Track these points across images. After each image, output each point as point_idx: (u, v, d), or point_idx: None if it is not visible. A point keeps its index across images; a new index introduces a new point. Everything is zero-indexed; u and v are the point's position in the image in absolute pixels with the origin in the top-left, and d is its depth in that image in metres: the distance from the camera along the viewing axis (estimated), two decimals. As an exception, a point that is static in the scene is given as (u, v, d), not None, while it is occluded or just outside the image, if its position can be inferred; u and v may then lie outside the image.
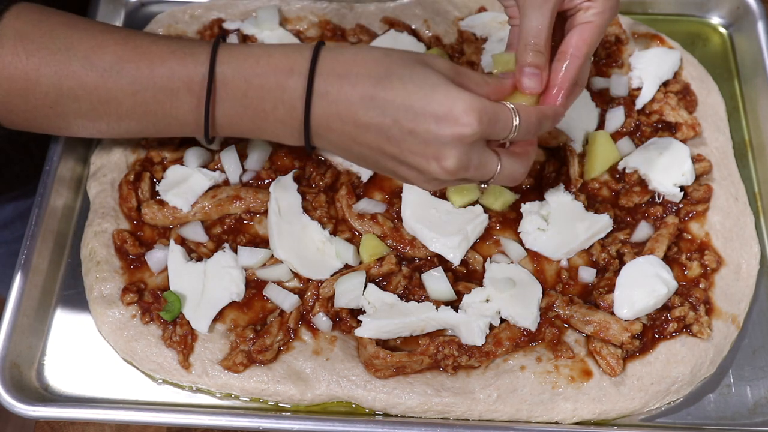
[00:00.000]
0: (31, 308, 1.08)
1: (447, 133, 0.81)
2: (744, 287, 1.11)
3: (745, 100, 1.30)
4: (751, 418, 1.04)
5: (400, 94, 0.83)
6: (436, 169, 0.84)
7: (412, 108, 0.82)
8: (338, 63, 0.87)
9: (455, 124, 0.81)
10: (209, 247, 1.12)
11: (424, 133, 0.82)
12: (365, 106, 0.84)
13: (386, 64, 0.86)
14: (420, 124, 0.82)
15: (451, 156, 0.83)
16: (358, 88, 0.85)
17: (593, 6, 0.95)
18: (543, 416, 1.02)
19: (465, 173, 0.85)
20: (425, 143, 0.83)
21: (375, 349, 1.02)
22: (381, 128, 0.84)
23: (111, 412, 1.01)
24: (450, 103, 0.81)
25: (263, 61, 0.90)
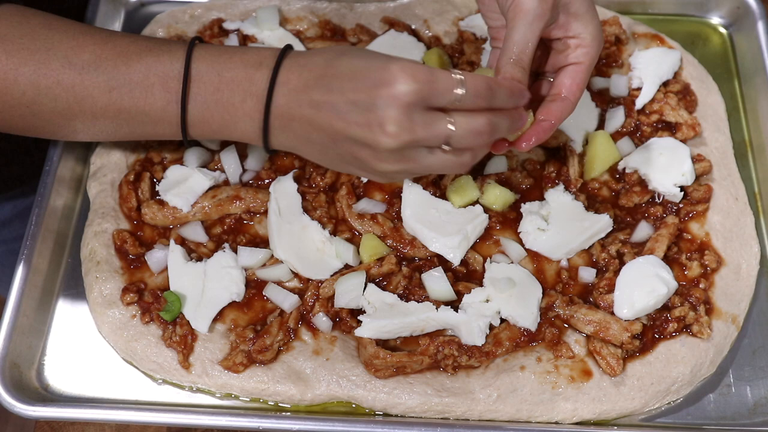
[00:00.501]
0: (31, 308, 1.08)
1: (383, 95, 0.82)
2: (744, 287, 1.11)
3: (745, 100, 1.30)
4: (751, 418, 1.04)
5: (345, 68, 0.86)
6: (381, 135, 0.84)
7: (354, 79, 0.85)
8: (302, 56, 0.91)
9: (390, 85, 0.82)
10: (209, 247, 1.12)
11: (365, 100, 0.84)
12: (317, 86, 0.87)
13: (341, 48, 0.90)
14: (360, 93, 0.84)
15: (393, 117, 0.83)
16: (314, 72, 0.88)
17: (581, 44, 0.96)
18: (543, 416, 1.02)
19: (411, 134, 0.84)
20: (367, 110, 0.84)
21: (375, 349, 1.02)
22: (330, 104, 0.86)
23: (111, 412, 1.01)
24: (385, 67, 0.83)
25: (236, 57, 0.93)
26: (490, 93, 0.87)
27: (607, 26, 1.30)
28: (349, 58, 0.87)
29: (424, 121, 0.84)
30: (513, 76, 0.93)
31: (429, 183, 1.15)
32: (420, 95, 0.83)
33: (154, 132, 1.00)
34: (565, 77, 0.97)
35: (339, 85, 0.85)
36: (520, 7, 0.92)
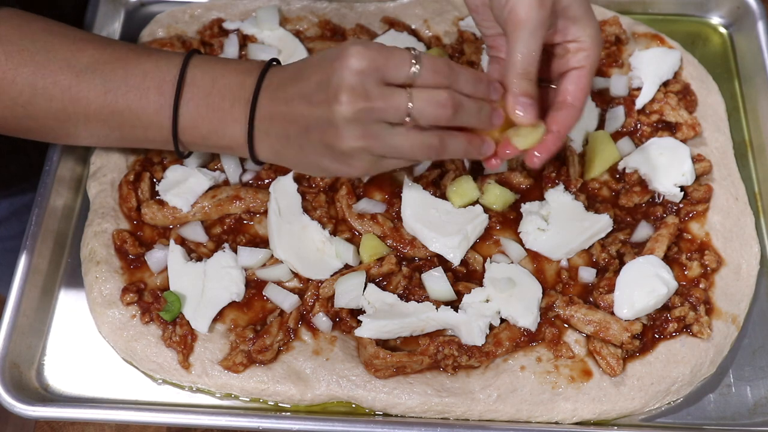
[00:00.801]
0: (31, 308, 1.08)
1: (336, 70, 0.84)
2: (744, 287, 1.11)
3: (745, 100, 1.30)
4: (751, 418, 1.04)
5: (313, 60, 0.90)
6: (336, 105, 0.85)
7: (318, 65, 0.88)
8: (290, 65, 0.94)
9: (342, 60, 0.84)
10: (209, 247, 1.12)
11: (323, 79, 0.86)
12: (291, 80, 0.91)
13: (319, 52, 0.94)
14: (319, 73, 0.87)
15: (343, 86, 0.84)
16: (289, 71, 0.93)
17: (582, 47, 0.95)
18: (543, 416, 1.02)
19: (366, 102, 0.84)
20: (325, 88, 0.86)
21: (375, 349, 1.02)
22: (300, 93, 0.89)
23: (111, 412, 1.01)
24: (342, 48, 0.86)
25: (231, 65, 0.97)
26: (449, 71, 0.87)
27: (607, 26, 1.30)
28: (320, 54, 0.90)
29: (380, 92, 0.85)
30: (524, 91, 0.92)
31: (429, 183, 1.15)
32: (373, 66, 0.84)
33: (145, 137, 1.01)
34: (569, 83, 0.96)
35: (306, 74, 0.89)
36: (518, 17, 0.91)
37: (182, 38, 1.29)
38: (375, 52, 0.85)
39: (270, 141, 0.95)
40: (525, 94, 0.92)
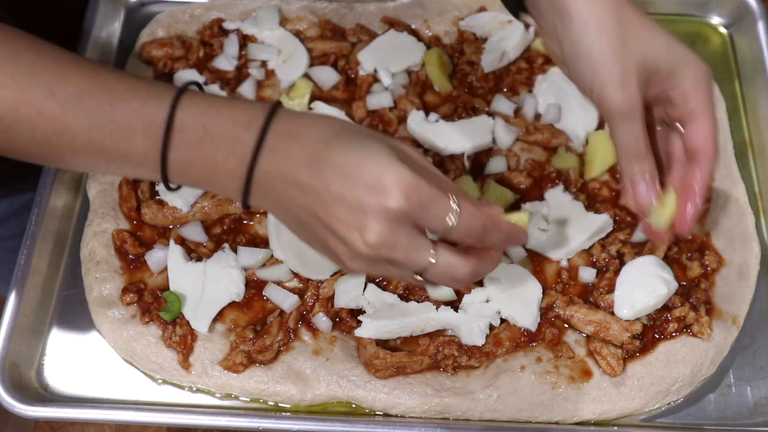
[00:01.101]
0: (31, 308, 1.08)
1: (373, 203, 0.77)
2: (744, 287, 1.10)
3: (745, 100, 1.30)
4: (751, 419, 1.04)
5: (339, 158, 0.80)
6: (359, 241, 0.79)
7: (347, 172, 0.79)
8: (293, 123, 0.85)
9: (381, 194, 0.77)
10: (209, 247, 1.12)
11: (352, 200, 0.79)
12: (306, 166, 0.82)
13: (337, 129, 0.84)
14: (350, 189, 0.79)
15: (375, 229, 0.78)
16: (305, 149, 0.82)
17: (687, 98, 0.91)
18: (543, 416, 1.02)
19: (390, 252, 0.79)
20: (351, 211, 0.79)
21: (375, 349, 1.02)
22: (316, 190, 0.81)
23: (111, 412, 1.01)
24: (382, 173, 0.78)
25: (224, 112, 0.87)
26: (482, 233, 0.82)
27: (608, 26, 1.30)
28: (345, 148, 0.81)
29: (408, 246, 0.80)
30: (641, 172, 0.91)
31: (429, 183, 1.14)
32: (410, 215, 0.79)
33: (134, 174, 0.96)
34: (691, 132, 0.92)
35: (329, 175, 0.80)
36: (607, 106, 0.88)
37: (182, 38, 1.29)
38: (415, 200, 0.78)
39: (266, 202, 0.87)
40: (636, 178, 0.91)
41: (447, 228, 0.80)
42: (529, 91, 1.25)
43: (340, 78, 1.26)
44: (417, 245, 0.80)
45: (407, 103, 1.22)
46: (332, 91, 1.26)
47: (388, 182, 0.77)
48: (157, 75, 1.26)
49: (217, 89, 1.23)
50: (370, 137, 0.82)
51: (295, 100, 1.22)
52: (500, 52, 1.26)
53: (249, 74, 1.27)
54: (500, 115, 1.22)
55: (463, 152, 1.18)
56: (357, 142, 0.81)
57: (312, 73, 1.26)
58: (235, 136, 0.85)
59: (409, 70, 1.27)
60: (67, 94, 0.88)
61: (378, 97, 1.23)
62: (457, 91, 1.26)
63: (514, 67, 1.28)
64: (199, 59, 1.28)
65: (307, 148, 0.82)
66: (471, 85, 1.26)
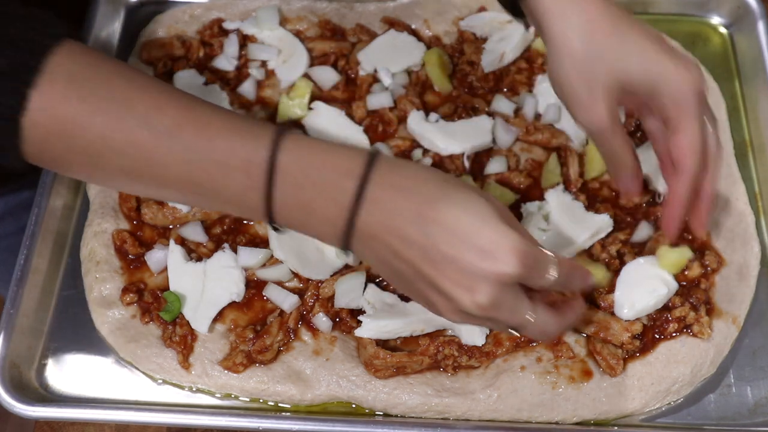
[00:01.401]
0: (31, 308, 1.08)
1: (487, 268, 0.78)
2: (744, 287, 1.10)
3: (745, 100, 1.30)
4: (751, 419, 1.04)
5: (450, 219, 0.80)
6: (468, 301, 0.80)
7: (458, 235, 0.79)
8: (396, 174, 0.84)
9: (497, 260, 0.78)
10: (209, 247, 1.12)
11: (465, 262, 0.79)
12: (413, 222, 0.81)
13: (443, 186, 0.83)
14: (462, 253, 0.79)
15: (486, 292, 0.79)
16: (411, 203, 0.81)
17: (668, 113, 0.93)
18: (543, 416, 1.02)
19: (496, 312, 0.81)
20: (462, 273, 0.79)
21: (375, 349, 1.02)
22: (424, 248, 0.80)
23: (111, 412, 1.01)
24: (497, 239, 0.78)
25: (325, 156, 0.85)
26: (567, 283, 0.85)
27: (608, 26, 1.30)
28: (454, 208, 0.80)
29: (513, 306, 0.81)
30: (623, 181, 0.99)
31: (429, 183, 1.14)
32: (520, 278, 0.80)
33: (224, 209, 0.95)
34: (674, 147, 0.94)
35: (437, 236, 0.80)
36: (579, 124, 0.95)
37: (182, 38, 1.29)
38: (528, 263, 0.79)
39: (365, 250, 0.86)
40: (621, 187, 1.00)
41: (548, 282, 0.82)
42: (529, 91, 1.25)
43: (340, 78, 1.26)
44: (520, 306, 0.82)
45: (407, 103, 1.22)
46: (332, 91, 1.26)
47: (503, 249, 0.78)
48: (157, 75, 1.26)
49: (217, 89, 1.23)
50: (475, 193, 0.82)
51: (295, 100, 1.22)
52: (500, 52, 1.26)
53: (249, 74, 1.27)
54: (500, 115, 1.22)
55: (463, 152, 1.18)
56: (464, 202, 0.81)
57: (312, 73, 1.26)
58: (336, 183, 0.83)
59: (409, 70, 1.27)
60: (163, 126, 0.85)
61: (378, 97, 1.23)
62: (457, 91, 1.26)
63: (514, 67, 1.28)
64: (199, 59, 1.28)
65: (413, 203, 0.81)
66: (471, 85, 1.26)
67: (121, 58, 1.31)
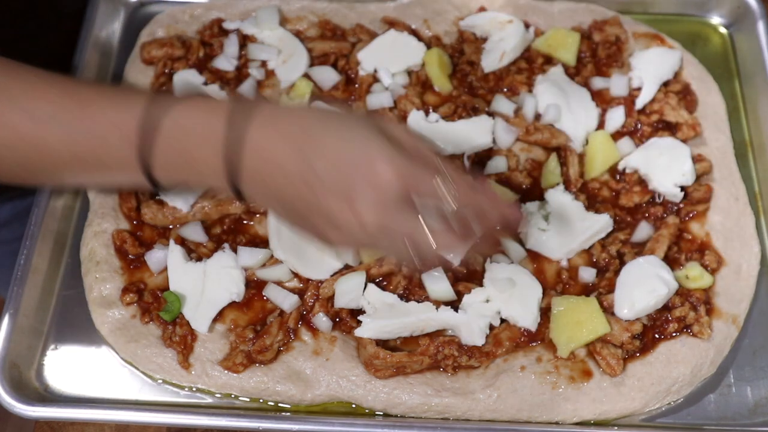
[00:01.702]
0: (31, 308, 1.08)
1: (367, 189, 0.79)
2: (744, 287, 1.10)
3: (745, 100, 1.30)
4: (751, 419, 1.04)
5: (329, 148, 0.82)
6: (355, 223, 0.80)
7: (338, 162, 0.81)
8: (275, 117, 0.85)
9: (376, 180, 0.79)
10: (209, 247, 1.12)
11: (346, 187, 0.80)
12: (295, 158, 0.82)
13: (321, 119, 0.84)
14: (343, 179, 0.80)
15: (370, 211, 0.80)
16: (291, 141, 0.83)
17: None
18: (543, 416, 1.02)
19: (384, 232, 0.81)
20: (345, 197, 0.80)
21: (375, 349, 1.02)
22: (307, 180, 0.82)
23: (111, 412, 1.01)
24: (374, 160, 0.79)
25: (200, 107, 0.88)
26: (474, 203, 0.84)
27: (607, 26, 1.30)
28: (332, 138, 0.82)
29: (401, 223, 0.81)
30: None
31: (429, 183, 1.14)
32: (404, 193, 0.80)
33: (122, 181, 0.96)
34: None
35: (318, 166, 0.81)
36: None
37: (182, 38, 1.29)
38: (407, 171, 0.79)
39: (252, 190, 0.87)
40: None
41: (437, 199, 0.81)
42: (529, 91, 1.25)
43: (340, 78, 1.26)
44: (409, 223, 0.81)
45: (407, 103, 1.22)
46: (332, 91, 1.26)
47: (381, 168, 0.79)
48: (157, 75, 1.26)
49: (217, 89, 1.23)
50: (354, 121, 0.84)
51: (295, 100, 1.22)
52: (500, 52, 1.26)
53: (249, 74, 1.27)
54: (500, 115, 1.22)
55: (463, 152, 1.18)
56: (343, 129, 0.82)
57: (312, 73, 1.26)
58: (214, 133, 0.85)
59: (409, 70, 1.27)
60: (45, 113, 0.88)
61: (378, 97, 1.23)
62: (457, 91, 1.26)
63: (514, 67, 1.28)
64: (199, 59, 1.28)
65: (293, 141, 0.83)
66: (471, 85, 1.26)
67: (121, 58, 1.31)
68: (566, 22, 1.32)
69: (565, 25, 1.32)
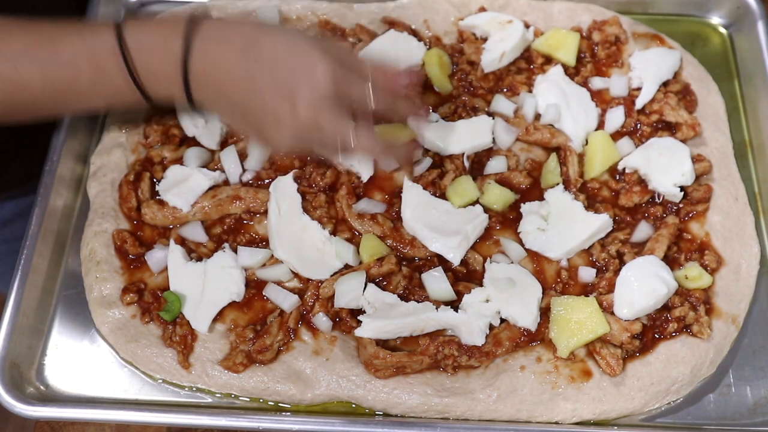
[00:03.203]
0: (31, 308, 1.08)
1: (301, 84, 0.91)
2: (744, 287, 1.10)
3: (745, 100, 1.30)
4: (751, 418, 1.04)
5: (267, 51, 0.94)
6: (291, 118, 0.93)
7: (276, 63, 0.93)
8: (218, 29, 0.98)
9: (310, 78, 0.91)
10: (209, 247, 1.12)
11: (284, 84, 0.92)
12: (237, 62, 0.94)
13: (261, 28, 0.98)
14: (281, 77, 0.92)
15: (305, 106, 0.92)
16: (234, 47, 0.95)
17: None
18: (543, 416, 1.02)
19: (317, 127, 0.93)
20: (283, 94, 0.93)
21: (375, 349, 1.02)
22: (249, 80, 0.94)
23: (111, 412, 1.01)
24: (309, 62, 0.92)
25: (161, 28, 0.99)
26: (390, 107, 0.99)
27: (607, 26, 1.30)
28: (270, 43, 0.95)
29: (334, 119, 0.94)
30: None
31: (429, 183, 1.15)
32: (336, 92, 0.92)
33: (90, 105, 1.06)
34: None
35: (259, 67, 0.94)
36: None
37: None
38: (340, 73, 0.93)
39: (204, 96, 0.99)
40: None
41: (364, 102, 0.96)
42: (529, 91, 1.25)
43: (340, 78, 1.26)
44: (340, 119, 0.94)
45: (407, 103, 1.22)
46: (332, 91, 1.26)
47: (314, 69, 0.92)
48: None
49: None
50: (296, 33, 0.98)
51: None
52: (500, 52, 1.26)
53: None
54: (500, 115, 1.22)
55: (463, 152, 1.18)
56: (281, 36, 0.96)
57: (312, 73, 1.26)
58: (167, 47, 0.97)
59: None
60: (14, 52, 0.97)
61: (378, 97, 1.23)
62: (457, 91, 1.26)
63: (514, 67, 1.28)
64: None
65: (235, 47, 0.96)
66: (471, 85, 1.26)
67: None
68: (566, 22, 1.32)
69: (565, 25, 1.32)
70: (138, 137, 1.20)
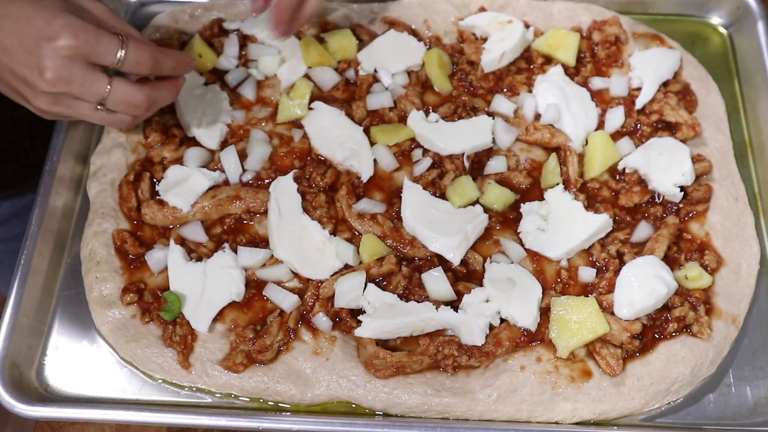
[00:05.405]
0: (31, 308, 1.08)
1: (46, 46, 0.92)
2: (744, 287, 1.10)
3: (745, 100, 1.30)
4: (751, 418, 1.04)
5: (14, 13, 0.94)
6: (39, 80, 0.94)
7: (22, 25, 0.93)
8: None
9: (52, 37, 0.92)
10: (209, 247, 1.12)
11: (28, 44, 0.93)
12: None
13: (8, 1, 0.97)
14: (26, 38, 0.93)
15: (51, 67, 0.93)
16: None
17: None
18: (543, 416, 1.02)
19: (68, 86, 0.94)
20: (29, 54, 0.93)
21: (375, 349, 1.02)
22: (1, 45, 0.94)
23: (111, 412, 1.01)
24: (53, 22, 0.92)
25: None
26: (153, 62, 0.99)
27: (607, 26, 1.30)
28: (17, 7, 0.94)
29: (83, 78, 0.95)
30: None
31: (429, 183, 1.15)
32: (80, 51, 0.93)
33: None
34: None
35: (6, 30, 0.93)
36: None
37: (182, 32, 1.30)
38: (83, 37, 0.93)
39: None
40: None
41: (118, 60, 0.96)
42: (529, 91, 1.25)
43: (340, 78, 1.26)
44: (92, 78, 0.96)
45: (407, 103, 1.22)
46: (332, 92, 1.26)
47: (56, 25, 0.92)
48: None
49: (217, 89, 1.24)
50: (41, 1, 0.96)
51: (296, 100, 1.22)
52: (500, 52, 1.26)
53: (249, 74, 1.27)
54: (500, 115, 1.22)
55: (463, 152, 1.18)
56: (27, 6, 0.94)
57: (312, 73, 1.26)
58: None
59: (409, 70, 1.27)
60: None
61: (378, 97, 1.23)
62: (457, 91, 1.26)
63: (514, 67, 1.28)
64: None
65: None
66: (471, 85, 1.26)
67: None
68: (566, 22, 1.32)
69: (565, 25, 1.32)
70: (138, 137, 1.20)
